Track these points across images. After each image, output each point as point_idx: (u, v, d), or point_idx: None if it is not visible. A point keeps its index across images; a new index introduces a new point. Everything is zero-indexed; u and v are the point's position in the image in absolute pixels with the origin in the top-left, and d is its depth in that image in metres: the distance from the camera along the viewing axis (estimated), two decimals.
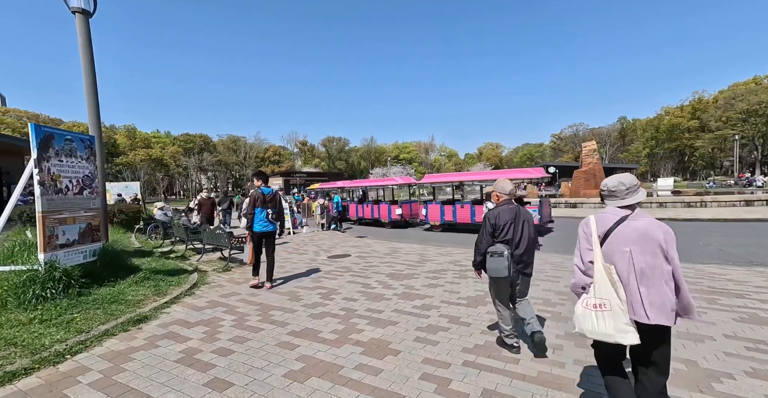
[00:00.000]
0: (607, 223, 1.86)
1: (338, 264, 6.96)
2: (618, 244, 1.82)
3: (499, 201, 3.02)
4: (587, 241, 1.91)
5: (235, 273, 6.16)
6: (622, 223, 1.83)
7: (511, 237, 2.86)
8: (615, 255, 1.83)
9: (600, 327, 1.76)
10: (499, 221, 2.87)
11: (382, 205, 14.62)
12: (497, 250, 2.79)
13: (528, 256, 2.95)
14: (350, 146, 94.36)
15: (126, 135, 52.20)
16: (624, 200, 1.87)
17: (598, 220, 1.91)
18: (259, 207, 5.12)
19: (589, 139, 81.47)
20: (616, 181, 1.90)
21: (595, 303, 1.79)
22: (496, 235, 2.88)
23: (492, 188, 3.14)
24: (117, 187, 16.78)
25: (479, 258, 2.95)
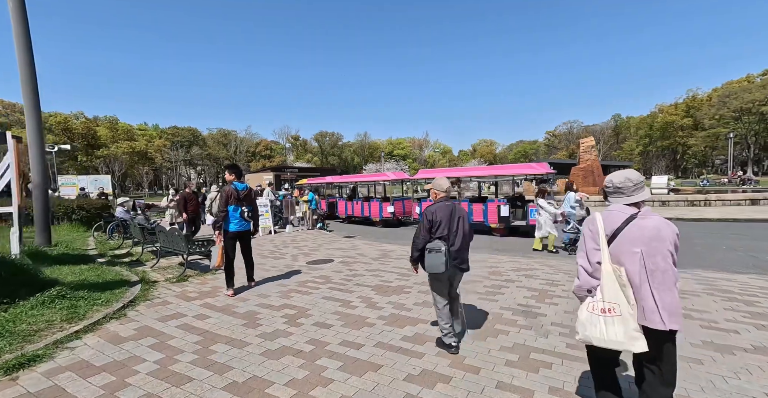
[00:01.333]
0: (616, 222, 1.76)
1: (317, 272, 5.96)
2: (628, 245, 1.71)
3: (437, 198, 3.07)
4: (594, 241, 1.79)
5: (190, 285, 5.11)
6: (632, 222, 1.73)
7: (447, 234, 2.90)
8: (624, 256, 1.72)
9: (610, 334, 1.65)
10: (436, 218, 2.90)
11: (373, 203, 13.62)
12: (435, 247, 2.84)
13: (463, 252, 3.01)
14: (343, 141, 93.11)
15: (108, 126, 50.03)
16: (631, 197, 1.78)
17: (605, 218, 1.80)
18: (233, 205, 4.63)
19: (584, 136, 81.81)
20: (623, 177, 1.80)
21: (603, 308, 1.69)
22: (433, 232, 2.92)
23: (430, 186, 3.18)
24: (84, 181, 15.47)
25: (416, 254, 2.97)
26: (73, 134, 41.41)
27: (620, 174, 1.83)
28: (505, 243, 9.14)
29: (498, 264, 6.40)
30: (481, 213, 10.56)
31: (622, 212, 1.77)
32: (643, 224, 1.71)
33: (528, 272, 5.70)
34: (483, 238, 9.99)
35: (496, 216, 10.17)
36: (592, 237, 1.80)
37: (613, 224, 1.76)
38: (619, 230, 1.73)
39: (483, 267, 6.17)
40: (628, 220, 1.73)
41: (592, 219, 1.85)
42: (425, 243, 2.90)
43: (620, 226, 1.73)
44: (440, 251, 2.81)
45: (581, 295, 1.82)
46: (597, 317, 1.69)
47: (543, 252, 7.80)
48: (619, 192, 1.80)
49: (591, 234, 1.82)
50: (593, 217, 1.85)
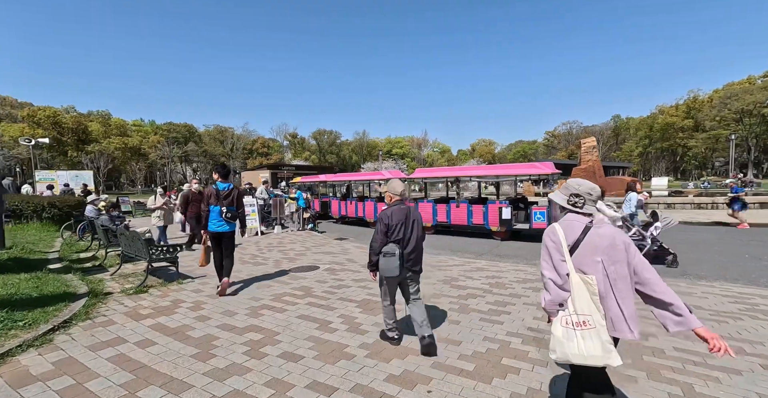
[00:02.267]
0: (576, 231, 1.73)
1: (298, 282, 5.29)
2: (590, 254, 1.69)
3: (391, 201, 3.07)
4: (559, 252, 1.72)
5: (148, 298, 4.43)
6: (590, 231, 1.72)
7: (402, 237, 2.92)
8: (586, 265, 1.69)
9: (588, 349, 1.59)
10: (393, 221, 2.92)
11: (368, 203, 12.95)
12: (390, 250, 2.85)
13: (417, 254, 3.03)
14: (342, 139, 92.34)
15: (100, 121, 48.95)
16: (592, 207, 1.78)
17: (565, 228, 1.76)
18: (214, 205, 4.60)
19: (583, 136, 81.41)
20: (590, 186, 1.80)
21: (578, 321, 1.62)
22: (389, 235, 2.92)
23: (385, 188, 3.17)
24: (63, 176, 14.69)
25: (375, 258, 2.95)
26: (63, 128, 40.40)
27: (585, 182, 1.80)
28: (508, 249, 8.49)
29: (501, 274, 5.75)
30: (481, 215, 9.91)
31: (579, 221, 1.76)
32: (601, 233, 1.71)
33: (535, 284, 5.05)
34: (482, 242, 9.34)
35: (497, 218, 9.52)
36: (557, 249, 1.74)
37: (574, 234, 1.73)
38: (579, 240, 1.71)
39: (484, 276, 5.52)
40: (586, 230, 1.72)
41: (552, 230, 1.78)
42: (382, 247, 2.89)
43: (580, 236, 1.71)
44: (395, 254, 2.83)
45: (552, 310, 1.73)
46: (573, 331, 1.63)
47: None
48: (595, 200, 1.79)
49: (555, 246, 1.75)
50: (553, 228, 1.78)
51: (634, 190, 7.27)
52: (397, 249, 2.84)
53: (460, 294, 4.59)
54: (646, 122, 67.47)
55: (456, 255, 7.82)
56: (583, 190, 1.76)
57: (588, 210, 1.76)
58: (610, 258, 1.67)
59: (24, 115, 40.34)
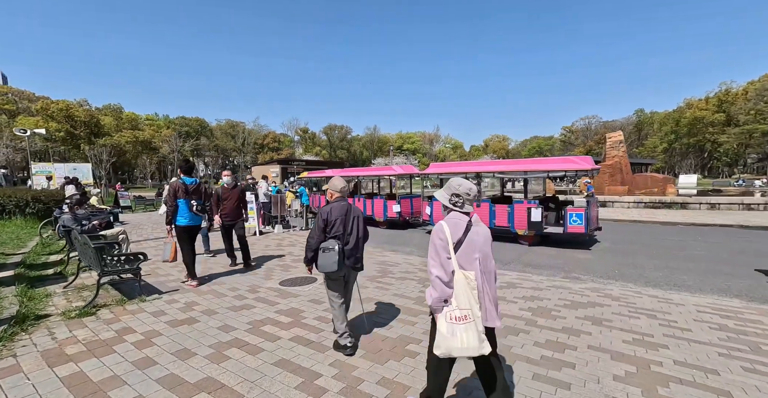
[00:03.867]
0: (460, 230, 1.82)
1: (287, 301, 4.25)
2: (470, 251, 1.80)
3: (332, 198, 3.08)
4: (446, 250, 1.80)
5: (91, 325, 3.45)
6: (471, 229, 1.83)
7: (341, 233, 2.91)
8: (467, 262, 1.79)
9: (467, 341, 1.68)
10: (331, 217, 2.91)
11: (377, 200, 11.85)
12: (328, 246, 2.85)
13: (357, 251, 3.00)
14: (352, 135, 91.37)
15: (112, 115, 49.12)
16: (471, 206, 1.87)
17: (451, 227, 1.83)
18: (182, 199, 4.65)
19: (602, 131, 78.01)
20: (470, 185, 1.88)
21: (459, 316, 1.71)
22: (327, 231, 2.92)
23: (327, 186, 3.18)
24: (60, 169, 14.08)
25: (311, 254, 2.93)
26: (75, 122, 40.62)
27: (465, 183, 1.87)
28: (539, 256, 7.28)
29: (540, 294, 4.58)
30: (505, 216, 8.69)
31: (462, 220, 1.85)
32: (479, 231, 1.86)
33: (591, 311, 3.87)
34: (507, 248, 8.14)
35: (525, 220, 8.29)
36: (444, 247, 1.79)
37: (458, 232, 1.80)
38: (462, 238, 1.79)
39: (521, 298, 4.35)
40: (468, 228, 1.82)
41: (440, 228, 1.83)
42: (319, 244, 2.88)
43: (462, 235, 1.80)
44: (333, 250, 2.80)
45: (438, 307, 1.79)
46: (456, 326, 1.69)
47: (592, 271, 5.90)
48: (467, 200, 1.86)
49: (443, 244, 1.80)
50: (441, 226, 1.84)
51: None
52: (336, 245, 2.83)
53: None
54: (672, 117, 63.88)
55: None
56: (462, 190, 1.86)
57: (467, 210, 1.87)
58: (483, 254, 1.83)
59: (38, 108, 40.73)
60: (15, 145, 23.47)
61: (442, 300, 1.77)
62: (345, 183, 3.13)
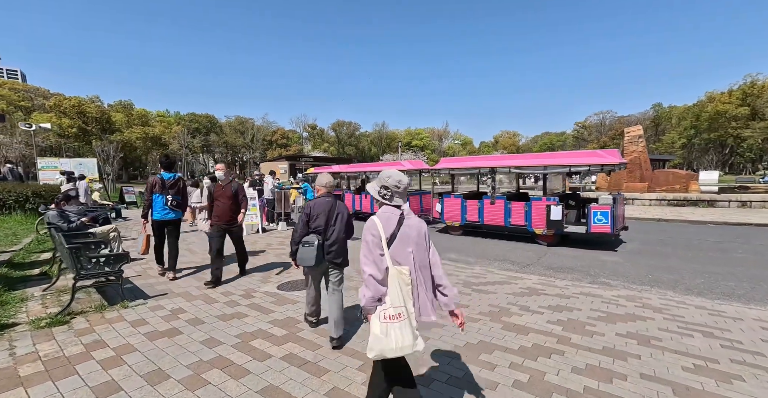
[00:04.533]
0: (393, 224, 1.73)
1: (284, 309, 3.80)
2: (403, 246, 1.72)
3: (318, 193, 3.13)
4: (379, 247, 1.70)
5: (60, 336, 3.06)
6: (403, 223, 1.75)
7: (323, 228, 2.96)
8: (401, 257, 1.71)
9: (401, 340, 1.59)
10: (314, 212, 2.98)
11: None
12: (309, 240, 2.91)
13: (338, 247, 3.01)
14: (361, 131, 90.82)
15: (123, 111, 49.58)
16: (401, 199, 1.79)
17: (384, 222, 1.73)
18: (158, 193, 4.77)
19: (617, 127, 75.71)
20: (399, 177, 1.79)
21: (393, 314, 1.62)
22: (310, 225, 2.98)
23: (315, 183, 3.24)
24: (66, 164, 13.95)
25: (295, 248, 3.00)
26: (87, 118, 41.10)
27: (395, 175, 1.79)
28: (559, 258, 6.69)
29: (567, 302, 4.04)
30: (522, 214, 8.10)
31: (395, 214, 1.77)
32: (411, 224, 1.76)
33: (633, 326, 3.31)
34: (525, 248, 7.56)
35: (543, 219, 7.69)
36: (377, 244, 1.70)
37: (390, 227, 1.72)
38: (395, 233, 1.72)
39: (546, 307, 3.81)
40: (401, 222, 1.74)
41: (372, 224, 1.73)
42: (302, 237, 2.95)
43: (395, 229, 1.72)
44: (313, 245, 2.86)
45: (371, 307, 1.68)
46: (390, 325, 1.61)
47: (622, 276, 5.30)
48: (398, 193, 1.79)
49: (375, 240, 1.70)
50: (373, 222, 1.74)
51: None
52: (316, 240, 2.88)
53: (523, 346, 2.94)
54: (692, 111, 61.38)
55: (494, 266, 6.15)
56: (391, 182, 1.76)
57: (397, 203, 1.78)
58: (417, 248, 1.74)
59: (51, 105, 41.34)
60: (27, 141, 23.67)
61: (376, 299, 1.67)
62: (331, 179, 3.14)
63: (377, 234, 1.69)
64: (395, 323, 1.60)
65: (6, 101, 44.55)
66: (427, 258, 1.79)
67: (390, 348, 1.59)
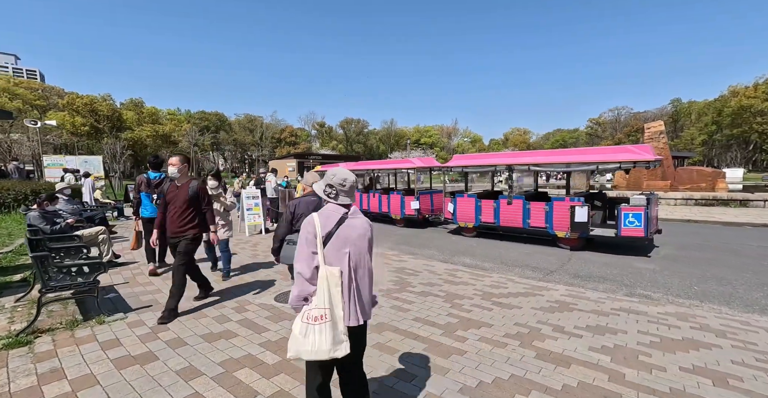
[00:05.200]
0: (331, 222, 1.69)
1: (279, 326, 3.32)
2: (340, 245, 1.67)
3: (305, 192, 3.23)
4: (313, 244, 1.66)
5: (14, 362, 2.63)
6: (344, 223, 1.71)
7: None
8: (335, 257, 1.66)
9: (319, 343, 1.54)
10: (298, 210, 2.97)
11: (394, 196, 10.82)
12: (292, 238, 2.92)
13: None
14: (369, 129, 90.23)
15: (133, 109, 50.05)
16: (348, 197, 1.76)
17: (322, 220, 1.70)
18: (144, 192, 4.87)
19: (633, 123, 73.43)
20: (345, 176, 1.75)
21: (316, 316, 1.57)
22: (294, 224, 2.98)
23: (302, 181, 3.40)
24: (72, 162, 13.80)
25: (277, 244, 3.03)
26: (99, 116, 41.58)
27: (340, 173, 1.75)
28: (586, 264, 6.06)
29: (608, 321, 3.45)
30: (542, 215, 7.47)
31: (337, 212, 1.73)
32: (353, 223, 1.72)
33: (697, 356, 2.72)
34: (546, 252, 6.94)
35: (566, 221, 7.05)
36: (312, 241, 1.66)
37: (329, 225, 1.69)
38: (332, 231, 1.68)
39: (583, 327, 3.22)
40: (341, 221, 1.70)
41: (311, 220, 1.69)
42: (285, 235, 2.98)
43: (333, 228, 1.68)
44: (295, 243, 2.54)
45: (298, 306, 1.65)
46: (311, 326, 1.56)
47: (663, 287, 4.65)
48: (343, 191, 1.75)
49: (310, 237, 1.67)
50: (312, 218, 1.70)
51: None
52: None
53: (567, 385, 2.37)
54: (714, 106, 58.91)
55: (514, 273, 5.57)
56: (336, 180, 1.73)
57: (343, 201, 1.75)
58: (357, 248, 1.69)
59: (64, 103, 41.90)
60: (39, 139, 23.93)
61: (302, 298, 1.64)
62: (317, 178, 2.97)
63: (313, 231, 1.66)
64: (316, 325, 1.55)
65: (22, 100, 45.36)
66: (367, 259, 1.74)
67: (306, 350, 1.55)
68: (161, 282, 4.69)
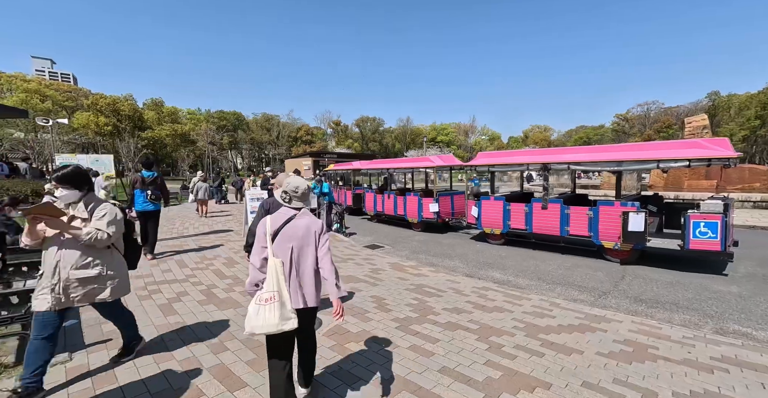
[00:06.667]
0: (279, 222, 2.04)
1: (257, 385, 2.50)
2: (285, 241, 2.00)
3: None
4: (263, 240, 2.01)
5: None
6: (290, 222, 2.04)
7: None
8: (280, 251, 1.99)
9: (268, 319, 1.84)
10: (272, 209, 2.96)
11: (410, 198, 9.90)
12: None
13: None
14: (385, 127, 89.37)
15: (154, 109, 51.06)
16: (299, 203, 2.10)
17: (273, 220, 2.05)
18: (139, 189, 5.61)
19: (664, 119, 69.19)
20: (297, 184, 2.09)
21: (266, 297, 1.88)
22: None
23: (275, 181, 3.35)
24: (83, 160, 13.61)
25: (251, 240, 3.04)
26: (121, 115, 42.59)
27: (293, 181, 2.10)
28: (647, 284, 4.96)
29: (713, 378, 2.44)
30: (584, 222, 6.39)
31: (286, 214, 2.08)
32: (298, 223, 2.05)
33: None
34: (590, 266, 5.86)
35: (616, 229, 5.95)
36: (262, 237, 2.01)
37: (276, 224, 2.03)
38: (279, 229, 2.01)
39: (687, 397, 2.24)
40: (288, 221, 2.04)
41: (263, 222, 2.05)
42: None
43: (280, 226, 2.02)
44: None
45: (251, 291, 2.02)
46: (261, 306, 1.86)
47: (763, 319, 3.55)
48: (301, 196, 2.10)
49: (261, 235, 2.02)
50: (264, 221, 2.06)
51: None
52: None
53: None
54: (758, 99, 54.52)
55: (556, 294, 4.60)
56: (290, 188, 2.08)
57: (295, 205, 2.09)
58: (300, 244, 2.01)
59: (88, 103, 43.16)
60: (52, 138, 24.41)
61: (254, 284, 2.01)
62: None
63: (263, 230, 2.02)
64: (266, 305, 1.85)
65: (52, 101, 47.12)
66: (311, 254, 2.04)
67: (257, 325, 1.84)
68: (136, 300, 3.99)
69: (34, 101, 42.99)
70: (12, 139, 31.22)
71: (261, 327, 1.82)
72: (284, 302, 1.88)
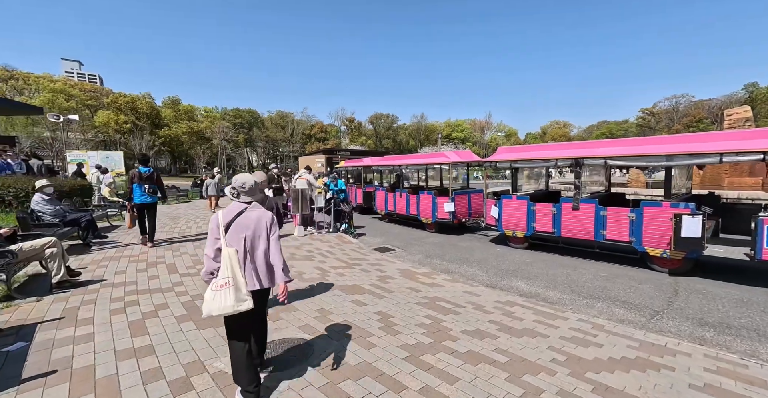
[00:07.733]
0: (231, 215, 2.21)
1: None
2: (237, 232, 2.18)
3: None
4: (216, 233, 2.17)
5: None
6: (242, 215, 2.23)
7: None
8: (233, 241, 2.17)
9: (224, 302, 2.01)
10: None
11: (424, 196, 9.18)
12: None
13: None
14: (399, 124, 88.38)
15: (171, 107, 51.93)
16: (249, 196, 2.30)
17: (225, 213, 2.22)
18: (136, 184, 5.99)
19: (693, 113, 65.36)
20: (244, 180, 2.27)
21: (221, 283, 2.04)
22: None
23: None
24: (94, 157, 13.53)
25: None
26: (139, 114, 43.49)
27: (241, 177, 2.29)
28: (708, 301, 4.11)
29: None
30: (625, 225, 5.54)
31: (237, 208, 2.24)
32: (249, 215, 2.24)
33: None
34: (635, 276, 5.02)
35: (666, 234, 5.08)
36: (214, 230, 2.18)
37: (228, 217, 2.20)
38: (232, 221, 2.19)
39: None
40: (240, 213, 2.22)
41: (216, 215, 2.22)
42: None
43: (233, 218, 2.19)
44: None
45: (207, 279, 2.16)
46: (217, 292, 2.02)
47: None
48: (242, 192, 2.27)
49: (214, 228, 2.19)
50: (217, 214, 2.22)
51: None
52: None
53: None
54: None
55: (598, 312, 3.85)
56: (237, 184, 2.26)
57: (244, 200, 2.28)
58: (253, 234, 2.21)
59: (108, 102, 44.28)
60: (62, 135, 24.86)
61: (209, 272, 2.15)
62: (263, 177, 3.36)
63: (216, 223, 2.18)
64: (221, 290, 2.02)
65: (75, 101, 48.67)
66: (263, 243, 2.24)
67: (214, 307, 2.01)
68: (101, 324, 3.49)
69: (60, 100, 44.44)
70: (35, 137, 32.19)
71: (217, 309, 2.00)
72: (239, 286, 2.05)
